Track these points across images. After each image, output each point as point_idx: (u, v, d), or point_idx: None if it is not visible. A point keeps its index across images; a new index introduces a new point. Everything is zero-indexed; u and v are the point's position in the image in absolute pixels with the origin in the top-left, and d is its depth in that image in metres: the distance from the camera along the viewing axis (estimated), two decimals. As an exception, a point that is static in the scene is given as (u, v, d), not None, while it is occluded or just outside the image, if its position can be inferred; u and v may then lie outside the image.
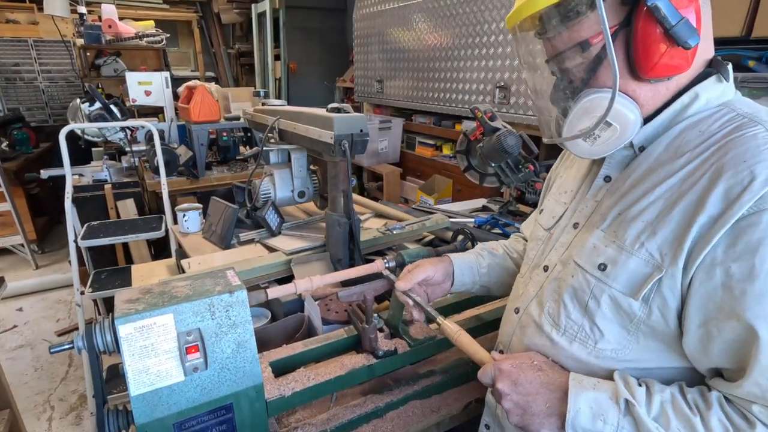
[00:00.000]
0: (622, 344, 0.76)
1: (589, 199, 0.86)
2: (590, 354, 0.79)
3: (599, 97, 0.74)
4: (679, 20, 0.67)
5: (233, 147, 3.65)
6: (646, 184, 0.75)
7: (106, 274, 2.85)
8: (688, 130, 0.74)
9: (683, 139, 0.74)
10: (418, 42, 3.78)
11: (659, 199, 0.72)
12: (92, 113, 3.45)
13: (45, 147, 5.50)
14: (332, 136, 1.38)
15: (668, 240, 0.69)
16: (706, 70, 0.76)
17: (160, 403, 0.79)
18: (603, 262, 0.76)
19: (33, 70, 5.65)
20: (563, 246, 0.88)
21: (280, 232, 1.81)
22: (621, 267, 0.73)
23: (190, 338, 0.80)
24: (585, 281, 0.78)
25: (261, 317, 1.39)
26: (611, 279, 0.75)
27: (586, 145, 0.79)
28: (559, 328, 0.83)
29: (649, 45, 0.69)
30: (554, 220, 0.94)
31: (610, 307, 0.75)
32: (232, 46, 7.50)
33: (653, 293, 0.71)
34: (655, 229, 0.71)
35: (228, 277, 0.90)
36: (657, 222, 0.71)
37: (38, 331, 3.54)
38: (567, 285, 0.82)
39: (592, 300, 0.77)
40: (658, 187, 0.73)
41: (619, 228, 0.76)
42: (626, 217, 0.75)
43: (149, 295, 0.83)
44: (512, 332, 0.95)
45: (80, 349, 0.79)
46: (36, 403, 2.82)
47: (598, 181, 0.85)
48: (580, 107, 0.77)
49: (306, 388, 0.98)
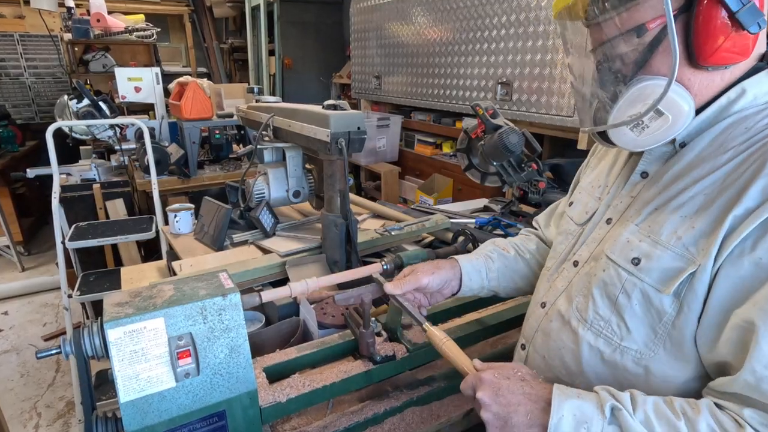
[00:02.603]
0: (649, 346, 0.77)
1: (624, 195, 0.87)
2: (614, 352, 0.80)
3: (653, 84, 0.74)
4: (747, 2, 0.67)
5: (226, 145, 3.65)
6: (687, 180, 0.76)
7: (94, 276, 2.85)
8: (734, 126, 0.75)
9: (728, 135, 0.75)
10: (418, 36, 3.78)
11: (699, 195, 0.73)
12: (80, 110, 3.45)
13: (31, 145, 5.48)
14: (328, 134, 1.38)
15: (704, 233, 0.70)
16: (757, 65, 0.76)
17: (150, 410, 0.79)
18: (637, 257, 0.77)
19: (19, 66, 5.63)
20: (595, 241, 0.89)
21: (274, 233, 1.81)
22: (655, 261, 0.75)
23: (181, 343, 0.80)
24: (617, 275, 0.80)
25: (255, 321, 1.39)
26: (644, 273, 0.76)
27: (632, 134, 0.78)
28: (586, 323, 0.84)
29: (713, 28, 0.69)
30: (587, 215, 0.95)
31: (640, 303, 0.77)
32: (225, 40, 7.48)
33: (685, 288, 0.72)
34: (694, 224, 0.72)
35: (221, 279, 0.90)
36: (696, 217, 0.72)
37: (24, 336, 3.54)
38: (598, 279, 0.83)
39: (622, 294, 0.78)
40: (699, 183, 0.74)
41: (654, 223, 0.77)
42: (663, 211, 0.77)
43: (139, 299, 0.83)
44: (537, 327, 0.96)
45: (68, 354, 0.79)
46: (22, 410, 2.81)
47: (635, 177, 0.86)
48: (633, 93, 0.76)
49: (301, 395, 0.98)
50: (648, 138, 0.77)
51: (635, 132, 0.78)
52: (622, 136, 0.80)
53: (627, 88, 0.77)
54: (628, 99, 0.77)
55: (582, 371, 0.86)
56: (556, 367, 0.92)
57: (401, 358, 1.09)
